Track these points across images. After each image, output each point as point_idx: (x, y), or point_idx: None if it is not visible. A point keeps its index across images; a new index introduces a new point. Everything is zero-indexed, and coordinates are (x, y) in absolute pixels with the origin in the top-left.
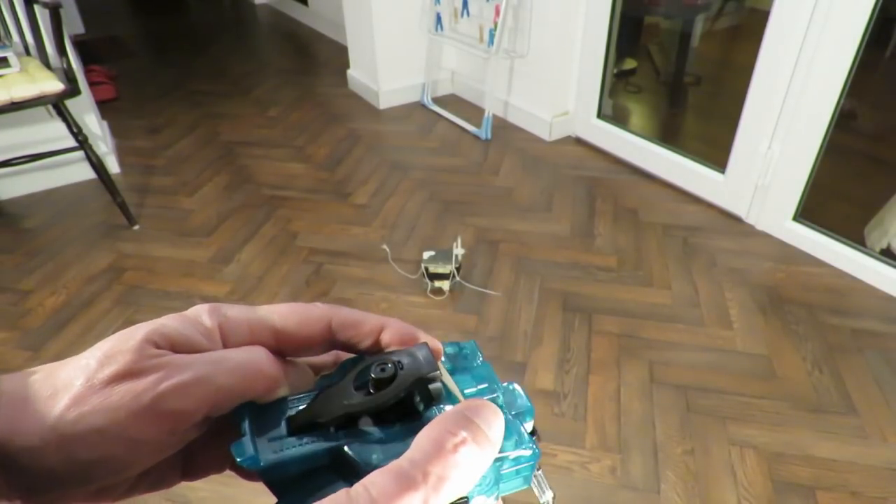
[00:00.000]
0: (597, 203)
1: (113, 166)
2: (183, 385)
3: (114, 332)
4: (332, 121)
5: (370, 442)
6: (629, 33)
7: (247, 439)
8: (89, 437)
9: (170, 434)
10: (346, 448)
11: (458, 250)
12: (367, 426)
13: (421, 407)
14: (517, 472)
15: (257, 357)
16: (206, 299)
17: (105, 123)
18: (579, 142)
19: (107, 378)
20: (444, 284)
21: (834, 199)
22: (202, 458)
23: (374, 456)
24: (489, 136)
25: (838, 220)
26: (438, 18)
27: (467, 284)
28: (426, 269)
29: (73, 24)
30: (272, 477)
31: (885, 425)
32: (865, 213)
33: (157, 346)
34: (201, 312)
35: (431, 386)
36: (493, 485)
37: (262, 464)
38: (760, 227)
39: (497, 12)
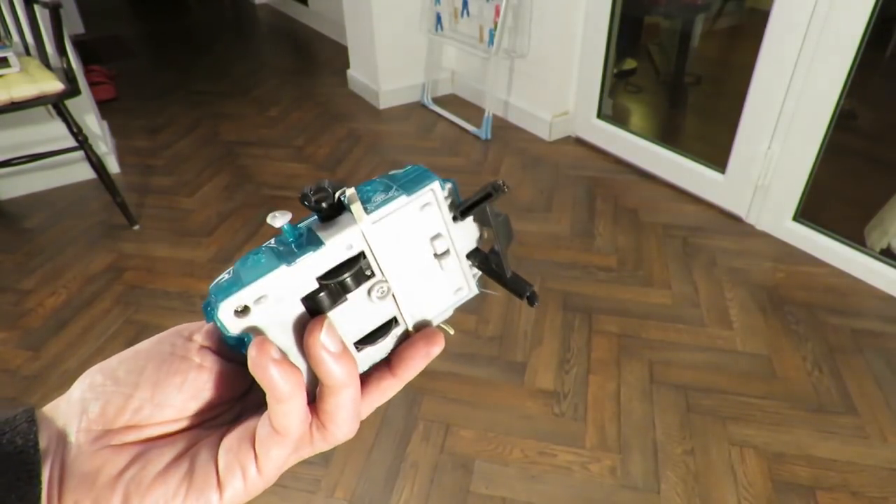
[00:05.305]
0: (597, 203)
1: (113, 166)
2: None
3: (114, 333)
4: (332, 121)
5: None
6: (629, 33)
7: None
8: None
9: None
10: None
11: None
12: None
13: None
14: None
15: None
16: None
17: (105, 123)
18: (579, 142)
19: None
20: None
21: (834, 199)
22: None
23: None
24: (489, 136)
25: (838, 220)
26: (438, 18)
27: None
28: None
29: (73, 24)
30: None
31: (885, 425)
32: (865, 213)
33: None
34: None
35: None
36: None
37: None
38: (760, 227)
39: (497, 12)
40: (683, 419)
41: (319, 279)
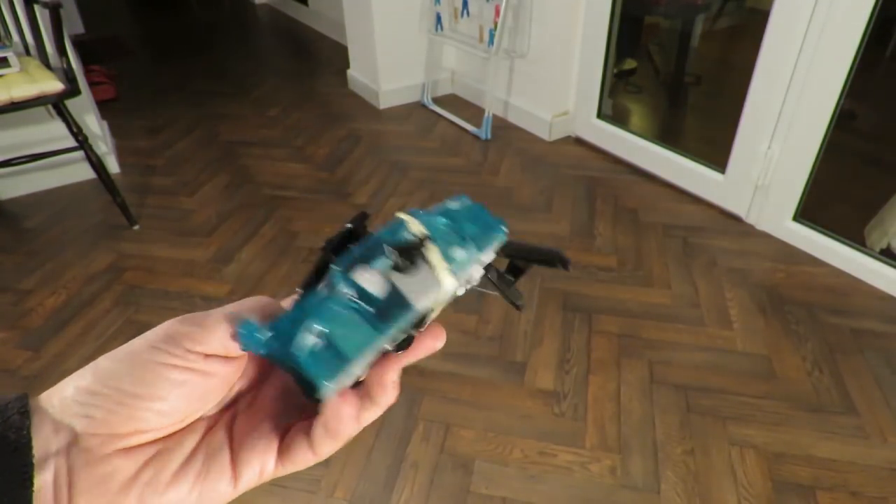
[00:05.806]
0: (597, 203)
1: (113, 166)
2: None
3: (114, 333)
4: (332, 121)
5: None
6: (629, 33)
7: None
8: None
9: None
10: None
11: None
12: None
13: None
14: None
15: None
16: (205, 299)
17: (105, 123)
18: (579, 142)
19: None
20: None
21: (834, 199)
22: (246, 436)
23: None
24: (489, 136)
25: (838, 220)
26: (438, 18)
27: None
28: None
29: (73, 24)
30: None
31: (885, 425)
32: (865, 213)
33: None
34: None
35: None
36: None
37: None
38: (760, 227)
39: (497, 12)
40: (683, 419)
41: None
